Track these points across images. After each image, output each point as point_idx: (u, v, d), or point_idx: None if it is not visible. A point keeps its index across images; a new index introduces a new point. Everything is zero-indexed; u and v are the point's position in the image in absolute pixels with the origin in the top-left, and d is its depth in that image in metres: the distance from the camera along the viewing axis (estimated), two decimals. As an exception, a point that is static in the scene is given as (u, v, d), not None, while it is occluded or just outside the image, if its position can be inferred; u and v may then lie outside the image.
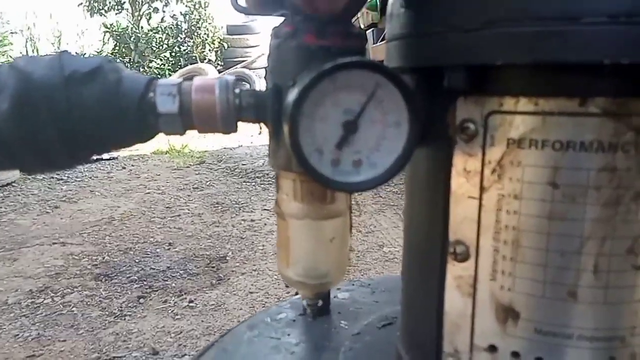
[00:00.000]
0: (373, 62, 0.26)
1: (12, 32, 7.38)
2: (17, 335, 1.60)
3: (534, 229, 0.29)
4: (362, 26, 3.48)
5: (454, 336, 0.34)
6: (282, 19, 0.34)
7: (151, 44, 7.59)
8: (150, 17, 8.23)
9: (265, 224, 2.53)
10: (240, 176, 3.45)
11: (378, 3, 3.19)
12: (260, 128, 0.33)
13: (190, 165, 3.83)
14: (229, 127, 0.32)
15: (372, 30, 3.39)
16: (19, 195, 2.98)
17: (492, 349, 0.32)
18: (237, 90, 0.31)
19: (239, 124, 0.32)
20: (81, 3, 7.80)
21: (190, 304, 1.80)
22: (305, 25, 0.29)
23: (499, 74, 0.28)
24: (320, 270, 0.35)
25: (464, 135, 0.30)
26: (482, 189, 0.31)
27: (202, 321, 1.69)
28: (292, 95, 0.26)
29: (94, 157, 0.33)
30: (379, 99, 0.27)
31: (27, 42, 7.66)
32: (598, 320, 0.29)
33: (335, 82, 0.26)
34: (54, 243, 2.30)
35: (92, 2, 7.49)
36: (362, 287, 0.65)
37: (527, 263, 0.30)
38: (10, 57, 6.92)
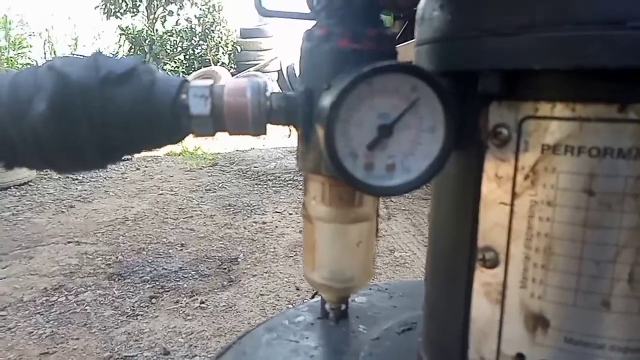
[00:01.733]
0: (411, 65, 0.25)
1: (30, 35, 7.49)
2: (32, 332, 1.62)
3: (567, 236, 0.29)
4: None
5: (481, 344, 0.33)
6: (299, 22, 0.35)
7: (165, 46, 7.66)
8: (165, 20, 8.31)
9: (276, 227, 2.53)
10: (252, 178, 3.46)
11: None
12: (290, 130, 0.33)
13: (203, 167, 3.85)
14: (260, 130, 0.32)
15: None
16: (35, 194, 3.02)
17: (520, 357, 0.32)
18: (268, 93, 0.31)
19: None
20: (97, 5, 7.90)
21: (202, 305, 1.81)
22: (340, 28, 0.29)
23: (535, 78, 0.28)
24: (345, 274, 0.35)
25: (496, 140, 0.30)
26: (514, 195, 0.30)
27: (213, 322, 1.69)
28: (328, 98, 0.26)
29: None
30: (416, 103, 0.26)
31: (45, 44, 7.77)
32: (632, 330, 0.28)
33: (371, 85, 0.26)
34: (69, 242, 2.32)
35: (108, 4, 7.57)
36: (380, 291, 0.65)
37: (560, 271, 0.29)
38: (29, 59, 7.03)
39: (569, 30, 0.25)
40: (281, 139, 4.09)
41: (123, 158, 0.33)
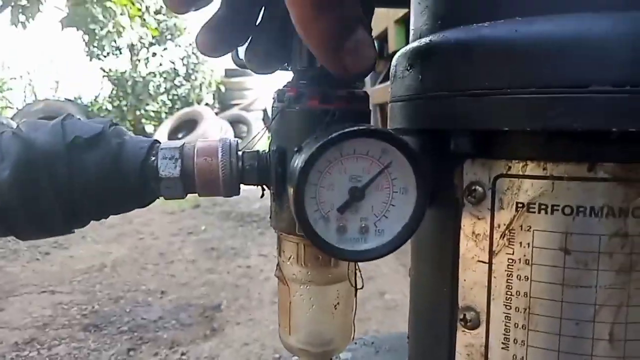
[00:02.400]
0: (380, 130, 0.25)
1: (12, 78, 7.50)
2: (1, 391, 1.53)
3: (546, 295, 0.28)
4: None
5: (466, 408, 0.32)
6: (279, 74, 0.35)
7: (148, 87, 7.72)
8: (148, 62, 8.40)
9: (261, 270, 2.48)
10: (236, 220, 3.42)
11: (375, 46, 3.26)
12: (263, 190, 0.32)
13: (185, 209, 3.80)
14: (232, 191, 0.31)
15: (371, 74, 3.46)
16: (9, 241, 2.92)
17: (506, 422, 0.30)
18: (239, 153, 0.31)
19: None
20: (81, 48, 7.97)
21: (182, 357, 1.74)
22: (309, 89, 0.29)
23: (505, 138, 0.28)
24: (323, 338, 0.34)
25: (471, 198, 0.30)
26: (491, 253, 0.30)
27: (195, 375, 1.62)
28: (297, 162, 0.26)
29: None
30: (386, 164, 0.26)
31: (26, 87, 7.77)
32: (618, 393, 0.27)
33: (341, 149, 0.25)
34: (43, 292, 2.24)
35: (91, 47, 7.65)
36: (366, 346, 0.63)
37: (540, 331, 0.29)
38: (9, 101, 7.00)
39: (535, 93, 0.25)
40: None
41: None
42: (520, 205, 0.28)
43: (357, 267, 0.34)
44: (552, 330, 0.28)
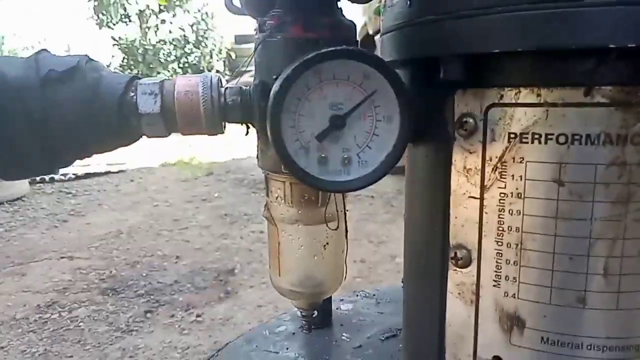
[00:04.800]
0: (359, 50, 0.24)
1: (24, 48, 7.52)
2: (25, 351, 1.59)
3: (539, 230, 0.27)
4: (371, 32, 3.47)
5: (457, 348, 0.32)
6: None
7: (158, 55, 7.67)
8: (157, 29, 8.32)
9: (273, 236, 2.49)
10: (249, 187, 3.43)
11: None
12: (248, 128, 0.31)
13: (199, 176, 3.82)
14: (215, 128, 0.30)
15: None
16: (28, 209, 2.99)
17: (498, 360, 0.30)
18: (221, 89, 0.30)
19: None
20: (91, 16, 7.91)
21: (198, 319, 1.77)
22: (292, 17, 0.28)
23: (497, 63, 0.27)
24: (314, 279, 0.33)
25: (463, 130, 0.29)
26: (483, 187, 0.29)
27: (210, 336, 1.66)
28: (273, 88, 0.25)
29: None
30: (368, 91, 0.25)
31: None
32: (610, 328, 0.27)
33: (320, 74, 0.24)
34: (62, 257, 2.29)
35: (100, 15, 7.58)
36: (367, 297, 0.63)
37: (533, 267, 0.28)
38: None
39: (525, 9, 0.23)
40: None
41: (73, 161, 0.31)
42: (512, 135, 0.27)
43: (345, 207, 0.33)
44: (545, 266, 0.27)
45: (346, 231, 0.34)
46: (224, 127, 0.31)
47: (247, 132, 0.31)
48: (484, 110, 0.28)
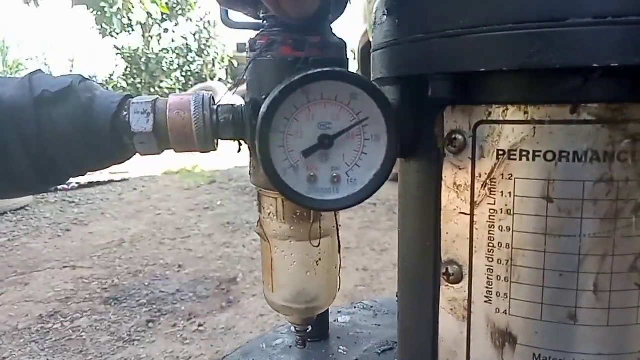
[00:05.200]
0: (345, 72, 0.24)
1: (28, 59, 7.59)
2: (27, 361, 1.59)
3: (529, 246, 0.27)
4: (372, 39, 3.49)
5: (451, 363, 0.32)
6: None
7: (161, 64, 7.73)
8: (160, 38, 8.39)
9: (275, 244, 2.49)
10: (251, 195, 3.44)
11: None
12: (240, 145, 0.32)
13: (201, 185, 3.84)
14: (207, 146, 0.30)
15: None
16: (31, 219, 3.00)
17: (491, 376, 0.30)
18: (214, 107, 0.30)
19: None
20: (93, 26, 7.98)
21: (200, 328, 1.77)
22: (282, 36, 0.28)
23: (485, 81, 0.27)
24: (306, 295, 0.33)
25: (452, 147, 0.29)
26: (473, 204, 0.29)
27: (212, 345, 1.66)
28: (262, 109, 0.25)
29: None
30: (356, 111, 0.25)
31: (41, 67, 7.85)
32: (601, 344, 0.27)
33: (307, 94, 0.24)
34: (65, 267, 2.30)
35: (102, 25, 7.65)
36: (364, 309, 0.63)
37: (523, 283, 0.28)
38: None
39: (512, 29, 0.23)
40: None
41: (68, 181, 0.31)
42: (501, 152, 0.27)
43: (337, 222, 0.33)
44: (536, 282, 0.27)
45: (339, 247, 0.34)
46: (217, 144, 0.31)
47: (240, 150, 0.32)
48: (472, 127, 0.28)
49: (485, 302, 0.29)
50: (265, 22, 0.30)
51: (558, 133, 0.25)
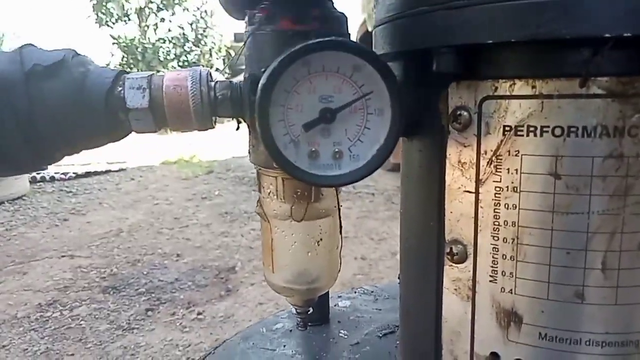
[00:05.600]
0: (348, 42, 0.23)
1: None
2: (26, 349, 1.59)
3: (535, 224, 0.27)
4: (370, 29, 3.46)
5: (453, 344, 0.31)
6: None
7: (158, 54, 7.67)
8: (157, 27, 8.32)
9: (274, 233, 2.49)
10: (249, 184, 3.43)
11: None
12: (239, 123, 0.31)
13: (199, 175, 3.83)
14: (205, 123, 0.30)
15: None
16: (29, 208, 3.00)
17: (495, 357, 0.30)
18: (211, 83, 0.29)
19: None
20: (89, 16, 7.90)
21: (199, 316, 1.77)
22: (281, 9, 0.27)
23: (491, 54, 0.26)
24: (307, 275, 0.33)
25: (457, 124, 0.28)
26: (478, 181, 0.28)
27: (211, 334, 1.66)
28: (260, 83, 0.24)
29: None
30: (359, 84, 0.24)
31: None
32: (609, 323, 0.26)
33: (308, 65, 0.23)
34: (63, 256, 2.30)
35: (99, 14, 7.58)
36: (365, 294, 0.62)
37: (530, 262, 0.27)
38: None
39: (520, -2, 0.23)
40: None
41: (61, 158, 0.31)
42: (507, 128, 0.26)
43: (339, 202, 0.32)
44: (542, 261, 0.27)
45: (340, 227, 0.33)
46: (214, 122, 0.30)
47: (238, 127, 0.31)
48: (478, 103, 0.27)
49: (490, 281, 0.29)
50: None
51: (567, 107, 0.25)
